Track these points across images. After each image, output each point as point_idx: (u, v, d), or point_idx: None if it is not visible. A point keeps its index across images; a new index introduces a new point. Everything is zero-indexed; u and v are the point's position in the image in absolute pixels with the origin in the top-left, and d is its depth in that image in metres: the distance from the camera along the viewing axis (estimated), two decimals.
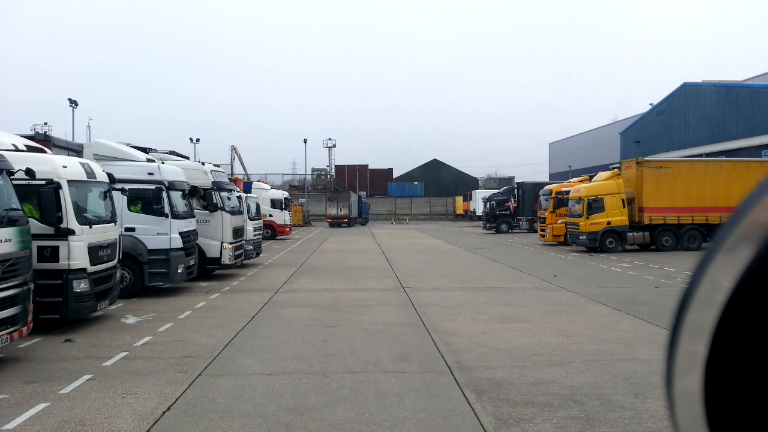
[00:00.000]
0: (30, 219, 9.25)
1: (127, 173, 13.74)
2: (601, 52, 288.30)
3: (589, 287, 15.47)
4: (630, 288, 15.50)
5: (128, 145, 17.32)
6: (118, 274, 11.90)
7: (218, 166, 18.70)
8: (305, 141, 72.69)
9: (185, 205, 15.28)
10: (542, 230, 31.82)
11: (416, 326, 10.80)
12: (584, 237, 26.10)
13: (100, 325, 10.94)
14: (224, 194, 17.60)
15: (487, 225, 45.27)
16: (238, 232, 18.20)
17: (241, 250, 18.78)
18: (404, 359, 8.52)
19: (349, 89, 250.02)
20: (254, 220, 22.91)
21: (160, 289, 14.72)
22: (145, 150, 17.79)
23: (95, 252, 10.73)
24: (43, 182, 9.80)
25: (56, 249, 10.11)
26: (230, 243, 17.30)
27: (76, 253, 10.26)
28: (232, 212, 17.78)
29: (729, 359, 0.62)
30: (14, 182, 8.92)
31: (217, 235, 17.14)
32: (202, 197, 17.22)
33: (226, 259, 17.21)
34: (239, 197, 19.93)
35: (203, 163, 18.02)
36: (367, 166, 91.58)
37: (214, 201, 17.17)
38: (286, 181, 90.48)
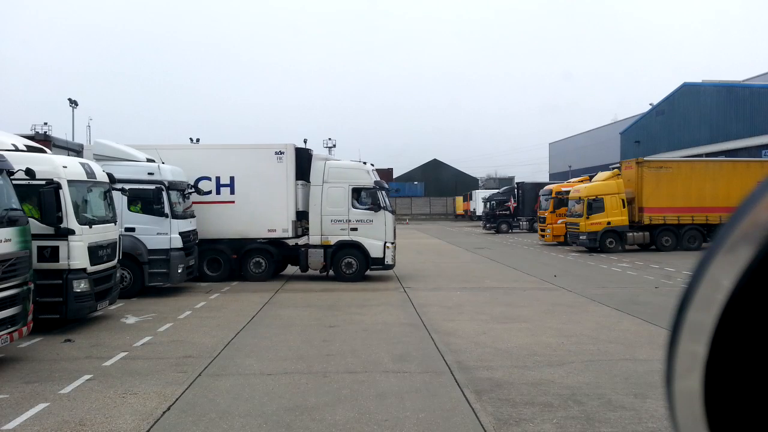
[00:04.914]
0: (30, 219, 9.25)
1: (127, 173, 13.74)
2: (601, 52, 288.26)
3: (589, 287, 15.47)
4: (630, 288, 15.49)
5: (309, 150, 17.46)
6: (118, 274, 11.90)
7: (373, 165, 18.51)
8: (305, 141, 72.47)
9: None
10: (542, 230, 31.81)
11: (416, 326, 10.80)
12: (584, 237, 26.09)
13: (100, 325, 10.94)
14: (384, 193, 17.41)
15: (487, 225, 45.26)
16: (395, 231, 17.99)
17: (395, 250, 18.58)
18: (404, 359, 8.52)
19: (349, 89, 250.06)
20: None
21: (160, 289, 14.72)
22: (306, 150, 17.74)
23: (95, 252, 10.73)
24: (43, 182, 9.80)
25: (56, 249, 10.11)
26: (391, 243, 17.07)
27: (76, 253, 10.26)
28: (392, 212, 17.60)
29: (729, 359, 0.62)
30: (14, 182, 8.92)
31: (380, 235, 16.87)
32: (358, 196, 17.07)
33: (389, 259, 16.90)
34: None
35: (364, 163, 17.93)
36: None
37: (378, 200, 17.01)
38: None
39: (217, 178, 16.93)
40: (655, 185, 25.63)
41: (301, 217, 17.39)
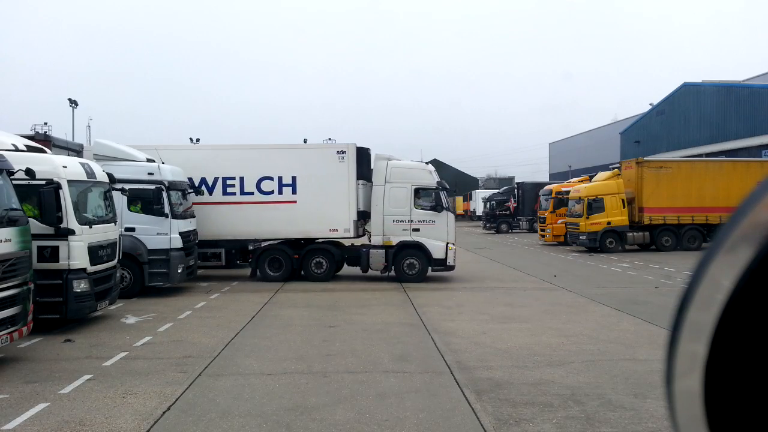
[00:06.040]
0: (30, 219, 9.25)
1: (127, 173, 13.74)
2: (601, 52, 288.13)
3: (589, 287, 15.46)
4: (630, 288, 15.49)
5: (368, 150, 17.24)
6: (118, 274, 11.90)
7: (430, 164, 18.39)
8: (305, 141, 72.70)
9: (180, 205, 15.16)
10: (542, 230, 31.81)
11: (416, 326, 10.80)
12: (584, 237, 26.09)
13: (100, 325, 10.94)
14: (445, 194, 17.32)
15: (487, 225, 45.26)
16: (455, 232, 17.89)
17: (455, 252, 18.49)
18: (404, 359, 8.52)
19: (349, 89, 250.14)
20: None
21: (160, 289, 14.71)
22: (366, 149, 17.59)
23: (95, 252, 10.73)
24: (43, 182, 9.79)
25: (56, 249, 10.11)
26: (453, 243, 16.95)
27: (76, 253, 10.26)
28: (453, 212, 17.30)
29: (729, 359, 0.62)
30: (14, 182, 8.91)
31: (442, 236, 16.78)
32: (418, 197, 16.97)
33: (451, 260, 16.79)
34: None
35: (427, 163, 17.83)
36: None
37: (441, 201, 16.96)
38: None
39: (279, 178, 16.98)
40: (655, 185, 25.63)
41: (361, 216, 17.36)
